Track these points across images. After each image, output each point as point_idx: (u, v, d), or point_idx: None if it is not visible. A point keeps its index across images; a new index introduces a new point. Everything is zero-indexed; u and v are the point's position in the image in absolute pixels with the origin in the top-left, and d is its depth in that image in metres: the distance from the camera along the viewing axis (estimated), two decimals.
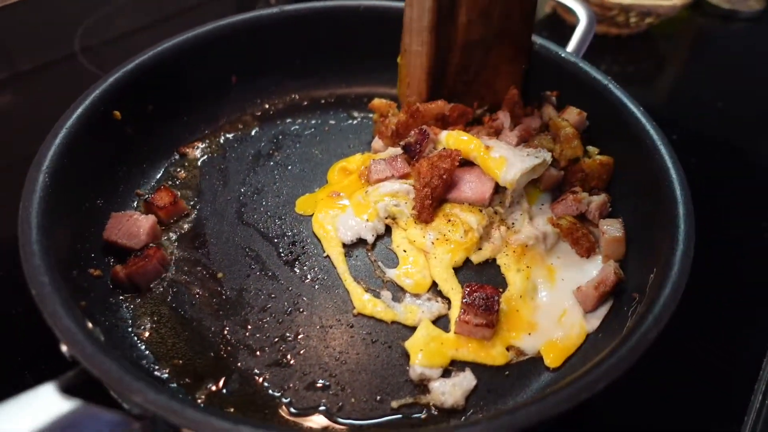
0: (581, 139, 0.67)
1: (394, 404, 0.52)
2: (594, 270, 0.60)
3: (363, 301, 0.59)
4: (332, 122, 0.82)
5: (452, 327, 0.56)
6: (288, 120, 0.81)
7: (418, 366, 0.53)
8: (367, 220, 0.64)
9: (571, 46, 0.77)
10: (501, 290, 0.59)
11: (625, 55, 1.10)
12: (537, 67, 0.75)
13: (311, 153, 0.76)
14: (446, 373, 0.54)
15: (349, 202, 0.66)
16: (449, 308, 0.59)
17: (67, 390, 0.37)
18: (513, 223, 0.64)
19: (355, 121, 0.82)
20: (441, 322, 0.58)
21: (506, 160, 0.62)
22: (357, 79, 0.86)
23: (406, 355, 0.55)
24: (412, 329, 0.57)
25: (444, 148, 0.65)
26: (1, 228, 0.69)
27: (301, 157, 0.76)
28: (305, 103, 0.84)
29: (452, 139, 0.66)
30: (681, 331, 0.52)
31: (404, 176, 0.67)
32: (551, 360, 0.55)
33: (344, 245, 0.64)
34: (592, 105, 0.70)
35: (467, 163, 0.66)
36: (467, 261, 0.63)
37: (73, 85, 0.93)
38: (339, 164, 0.73)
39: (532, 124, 0.72)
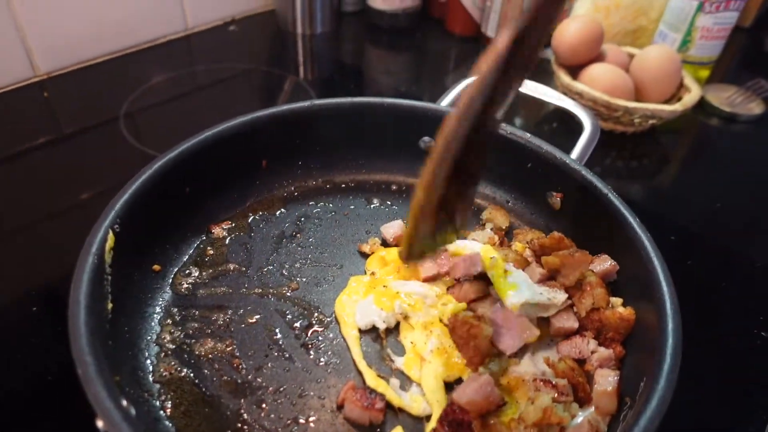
0: (607, 289, 0.68)
1: None
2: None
3: (377, 379, 0.64)
4: (352, 207, 0.88)
5: None
6: (311, 202, 0.88)
7: None
8: (382, 310, 0.69)
9: (576, 152, 0.84)
10: None
11: (629, 150, 1.17)
12: (543, 170, 0.81)
13: (331, 236, 0.82)
14: None
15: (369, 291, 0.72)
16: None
17: None
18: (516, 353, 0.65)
19: (372, 206, 0.89)
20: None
21: (517, 287, 0.64)
22: (375, 167, 0.93)
23: None
24: (418, 419, 0.61)
25: (479, 318, 0.64)
26: (37, 283, 0.76)
27: (321, 240, 0.81)
28: (328, 186, 0.91)
29: (484, 251, 0.70)
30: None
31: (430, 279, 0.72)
32: None
33: (359, 330, 0.69)
34: (590, 208, 0.76)
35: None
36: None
37: (111, 149, 1.02)
38: (379, 254, 0.78)
39: None
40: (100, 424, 0.48)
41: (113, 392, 0.49)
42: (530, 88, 0.94)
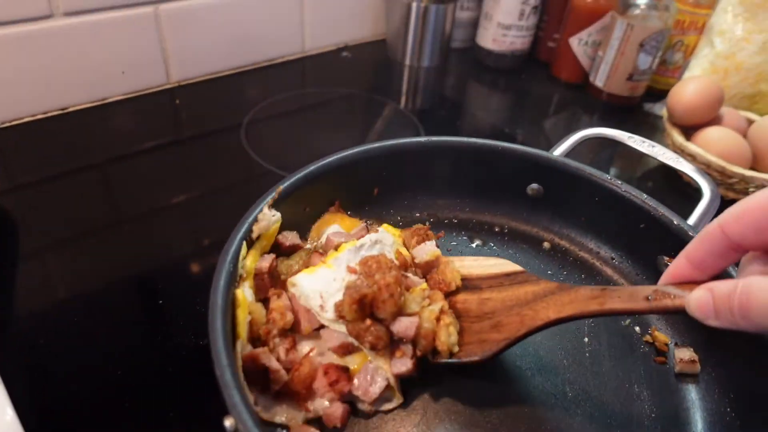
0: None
1: None
2: None
3: None
4: (454, 243, 0.90)
5: None
6: None
7: None
8: None
9: (693, 218, 0.82)
10: None
11: None
12: (657, 233, 0.80)
13: None
14: None
15: None
16: None
17: None
18: None
19: (475, 245, 0.90)
20: None
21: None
22: (479, 207, 0.95)
23: None
24: None
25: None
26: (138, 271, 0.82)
27: None
28: (431, 220, 0.93)
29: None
30: None
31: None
32: None
33: None
34: None
35: None
36: None
37: (228, 155, 1.09)
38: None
39: None
40: (227, 423, 0.51)
41: (245, 395, 0.52)
42: (645, 145, 0.93)
